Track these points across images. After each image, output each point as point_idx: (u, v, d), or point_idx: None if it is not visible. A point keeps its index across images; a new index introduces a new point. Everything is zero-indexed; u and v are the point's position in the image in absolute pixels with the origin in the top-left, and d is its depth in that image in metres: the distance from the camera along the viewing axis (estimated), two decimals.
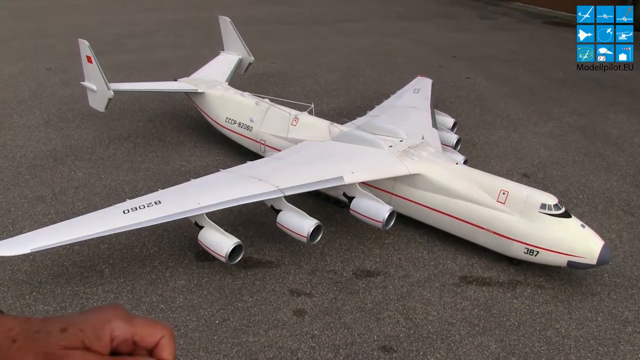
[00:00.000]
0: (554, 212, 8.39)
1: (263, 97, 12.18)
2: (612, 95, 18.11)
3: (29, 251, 6.96)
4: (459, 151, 11.58)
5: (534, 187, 9.23)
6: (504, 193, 8.66)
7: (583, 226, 8.41)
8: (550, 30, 28.45)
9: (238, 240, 7.97)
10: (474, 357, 7.09)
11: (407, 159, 9.45)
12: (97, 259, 8.58)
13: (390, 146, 9.88)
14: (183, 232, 9.24)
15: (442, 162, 9.54)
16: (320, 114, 12.00)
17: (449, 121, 12.79)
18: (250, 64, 14.52)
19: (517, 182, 9.43)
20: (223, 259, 7.88)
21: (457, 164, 9.71)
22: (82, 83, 12.38)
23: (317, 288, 8.26)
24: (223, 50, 14.79)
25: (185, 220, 8.25)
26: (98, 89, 11.93)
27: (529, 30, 28.42)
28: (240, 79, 15.44)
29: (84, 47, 11.70)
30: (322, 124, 10.95)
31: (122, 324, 1.23)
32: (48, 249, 7.25)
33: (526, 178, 12.04)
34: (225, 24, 14.41)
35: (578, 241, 8.20)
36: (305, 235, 8.18)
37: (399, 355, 7.07)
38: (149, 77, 17.13)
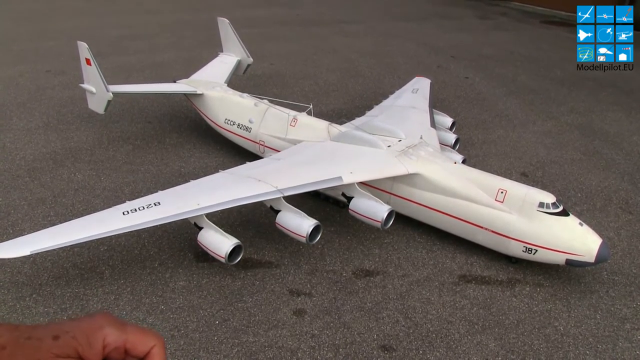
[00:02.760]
0: (552, 210, 8.41)
1: (262, 98, 12.21)
2: (610, 94, 18.14)
3: (29, 253, 6.98)
4: (457, 151, 11.62)
5: (532, 185, 9.25)
6: (502, 192, 8.69)
7: (581, 224, 8.44)
8: (548, 30, 28.50)
9: (237, 240, 7.99)
10: (474, 355, 7.12)
11: (406, 158, 9.47)
12: (97, 260, 8.61)
13: (389, 146, 9.91)
14: (183, 233, 9.26)
15: (440, 161, 9.57)
16: (319, 114, 12.03)
17: (448, 121, 12.81)
18: (249, 65, 14.54)
19: (515, 181, 9.46)
20: (223, 260, 7.90)
21: (455, 163, 9.74)
22: (82, 85, 12.41)
23: (317, 288, 8.29)
24: (222, 51, 14.83)
25: (185, 221, 8.28)
26: (97, 91, 11.96)
27: (528, 30, 28.47)
28: (239, 80, 15.48)
29: (83, 49, 11.74)
30: (321, 124, 10.98)
31: (114, 330, 1.22)
32: (48, 251, 7.29)
33: (524, 177, 12.07)
34: (224, 25, 14.45)
35: (576, 239, 8.23)
36: (305, 236, 8.20)
37: (399, 354, 7.10)
38: (149, 79, 17.18)
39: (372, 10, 32.13)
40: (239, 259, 8.09)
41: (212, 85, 13.03)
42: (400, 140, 10.16)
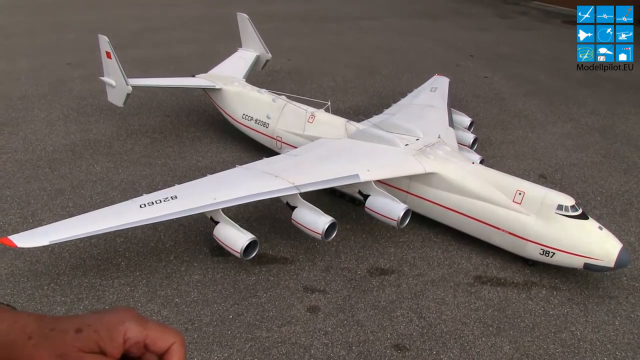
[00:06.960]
0: (571, 213, 8.29)
1: (280, 94, 12.21)
2: (633, 96, 17.81)
3: (47, 243, 7.07)
4: (475, 150, 11.51)
5: (551, 188, 9.14)
6: (520, 193, 8.59)
7: (601, 228, 8.30)
8: (569, 30, 28.00)
9: (253, 236, 8.01)
10: (488, 357, 7.05)
11: (423, 157, 9.41)
12: (114, 252, 8.69)
13: (407, 144, 9.85)
14: (199, 227, 9.31)
15: (458, 161, 9.49)
16: (336, 111, 12.00)
17: (466, 120, 12.71)
18: (267, 60, 14.55)
19: (533, 182, 9.34)
20: (238, 255, 7.93)
21: (473, 163, 9.65)
22: (101, 78, 12.53)
23: (331, 285, 8.28)
24: (241, 46, 14.85)
25: (201, 215, 8.31)
26: (117, 84, 12.07)
27: (548, 30, 28.07)
28: (257, 76, 15.50)
29: (104, 42, 11.83)
30: (339, 121, 10.95)
31: (135, 326, 1.24)
32: (66, 241, 7.37)
33: (543, 179, 11.91)
34: (244, 20, 14.46)
35: (595, 243, 8.10)
36: (320, 232, 8.20)
37: (412, 354, 7.07)
38: (167, 73, 17.26)
39: (388, 6, 31.93)
40: (254, 254, 8.11)
41: (231, 80, 13.07)
42: (418, 139, 10.09)
